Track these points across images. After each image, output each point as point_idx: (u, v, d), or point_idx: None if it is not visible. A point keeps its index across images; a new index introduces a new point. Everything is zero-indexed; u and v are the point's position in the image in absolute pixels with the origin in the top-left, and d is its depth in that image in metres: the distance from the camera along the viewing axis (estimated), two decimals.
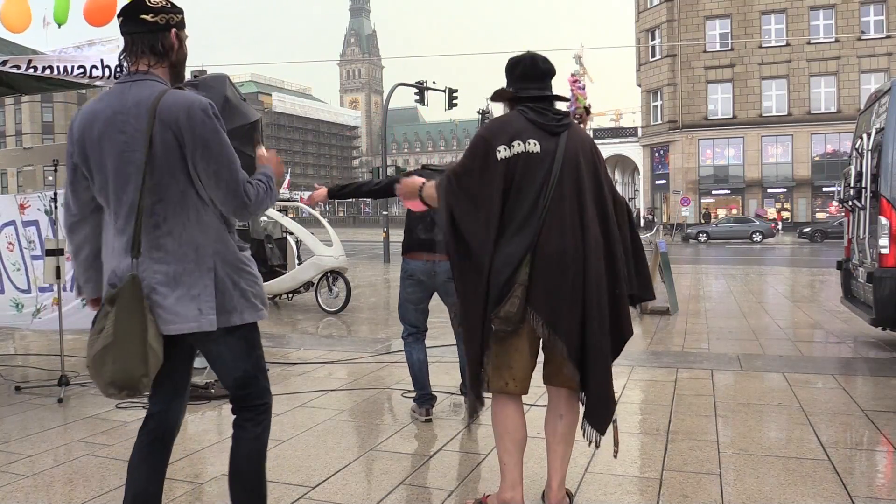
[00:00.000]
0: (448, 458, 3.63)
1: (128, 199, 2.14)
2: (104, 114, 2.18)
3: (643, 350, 6.67)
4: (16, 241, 5.74)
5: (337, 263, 9.59)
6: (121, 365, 2.06)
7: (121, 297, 2.08)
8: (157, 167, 2.12)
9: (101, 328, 2.09)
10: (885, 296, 5.97)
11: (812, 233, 33.83)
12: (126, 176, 2.15)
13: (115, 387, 2.08)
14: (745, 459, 3.53)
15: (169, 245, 2.16)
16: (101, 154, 2.18)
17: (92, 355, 2.09)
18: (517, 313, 2.61)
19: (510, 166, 2.64)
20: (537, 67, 2.79)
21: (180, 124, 2.11)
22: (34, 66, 4.44)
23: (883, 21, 41.04)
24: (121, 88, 2.22)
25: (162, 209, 2.15)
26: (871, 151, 6.46)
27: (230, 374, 2.29)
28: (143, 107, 2.14)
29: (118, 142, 2.15)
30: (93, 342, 2.10)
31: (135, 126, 2.14)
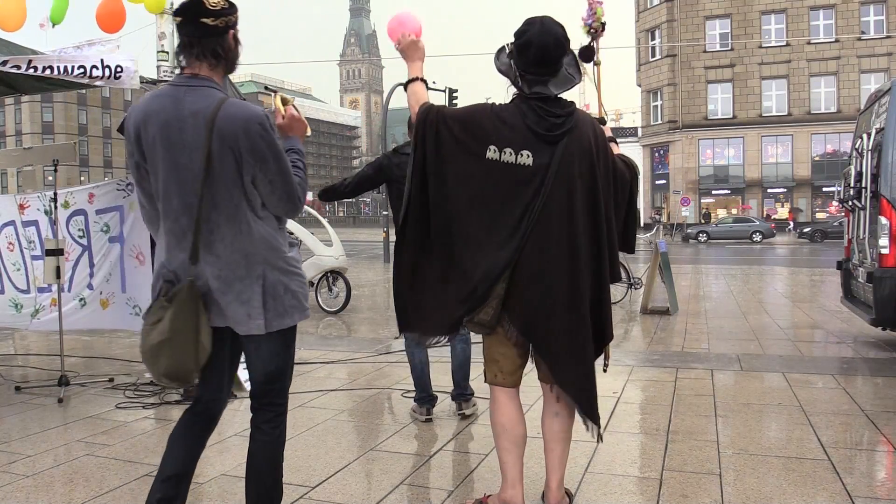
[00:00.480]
0: (448, 458, 3.63)
1: (180, 203, 2.23)
2: (158, 118, 2.22)
3: (643, 350, 6.67)
4: (16, 241, 5.74)
5: (337, 263, 9.59)
6: (174, 360, 2.19)
7: (178, 297, 2.19)
8: (215, 180, 2.21)
9: (157, 320, 2.21)
10: (885, 296, 5.97)
11: (812, 233, 33.84)
12: (179, 182, 2.23)
13: (168, 378, 2.24)
14: (745, 459, 3.53)
15: (221, 251, 2.26)
16: (154, 156, 2.25)
17: (147, 347, 2.22)
18: (491, 321, 2.63)
19: (495, 170, 2.56)
20: (548, 55, 2.59)
21: (239, 142, 2.20)
22: (34, 66, 4.44)
23: (883, 21, 41.05)
24: (175, 93, 2.25)
25: (216, 217, 2.24)
26: (871, 151, 6.46)
27: (263, 368, 2.37)
28: (200, 118, 2.19)
29: (172, 148, 2.21)
30: (147, 332, 2.23)
31: (191, 136, 2.20)
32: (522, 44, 2.61)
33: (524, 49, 2.61)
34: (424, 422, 4.26)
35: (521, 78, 2.64)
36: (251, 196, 2.26)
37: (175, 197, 2.24)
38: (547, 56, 2.60)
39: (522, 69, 2.63)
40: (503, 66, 2.71)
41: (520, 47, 2.63)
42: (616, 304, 9.98)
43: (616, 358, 6.13)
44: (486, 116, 2.63)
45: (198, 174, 2.21)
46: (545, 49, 2.58)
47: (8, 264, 5.81)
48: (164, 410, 4.59)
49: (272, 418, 2.44)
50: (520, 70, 2.64)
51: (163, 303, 2.23)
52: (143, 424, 4.31)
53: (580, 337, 2.64)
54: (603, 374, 2.96)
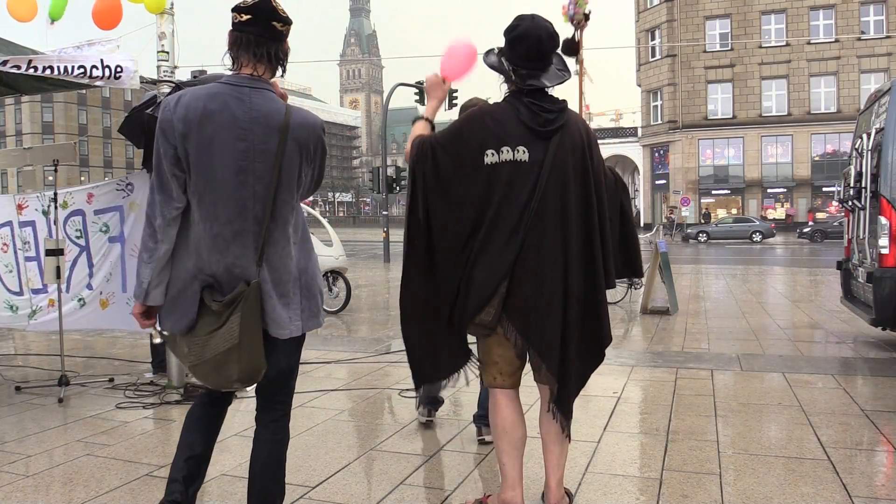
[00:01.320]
0: (448, 458, 3.63)
1: (237, 207, 2.21)
2: (222, 117, 2.19)
3: (643, 350, 6.67)
4: (10, 242, 5.73)
5: (337, 263, 9.59)
6: (247, 363, 2.19)
7: (246, 301, 2.17)
8: (282, 184, 2.25)
9: (216, 327, 2.18)
10: (885, 296, 5.97)
11: (812, 233, 33.84)
12: (239, 183, 2.21)
13: (241, 382, 2.23)
14: (745, 459, 3.53)
15: (273, 255, 2.27)
16: (209, 155, 2.19)
17: (210, 356, 2.20)
18: (492, 321, 2.63)
19: (495, 173, 2.56)
20: (542, 48, 2.61)
21: (310, 144, 2.30)
22: (34, 66, 4.44)
23: (883, 21, 41.06)
24: (239, 93, 2.23)
25: (273, 223, 2.26)
26: (870, 151, 6.46)
27: (276, 365, 2.35)
28: (272, 122, 2.22)
29: (236, 149, 2.20)
30: (205, 342, 2.20)
31: (261, 139, 2.21)
32: (515, 37, 2.62)
33: (518, 42, 2.62)
34: (424, 422, 4.20)
35: (514, 72, 2.64)
36: (296, 194, 2.33)
37: (231, 200, 2.21)
38: (541, 48, 2.61)
39: (515, 63, 2.63)
40: (494, 62, 2.70)
41: (513, 41, 2.64)
42: (616, 304, 9.99)
43: (616, 358, 6.14)
44: (477, 123, 2.63)
45: (264, 177, 2.21)
46: (539, 41, 2.60)
47: (1, 266, 5.79)
48: (164, 410, 4.59)
49: (279, 417, 2.44)
50: (512, 65, 2.64)
51: (219, 309, 2.19)
52: (143, 424, 4.31)
53: (572, 334, 2.63)
54: (603, 374, 2.96)
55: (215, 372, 2.22)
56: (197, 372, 2.27)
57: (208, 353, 2.20)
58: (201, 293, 2.24)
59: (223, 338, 2.17)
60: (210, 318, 2.20)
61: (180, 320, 2.27)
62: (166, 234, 2.27)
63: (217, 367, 2.20)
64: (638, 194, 49.09)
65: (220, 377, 2.22)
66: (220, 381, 2.24)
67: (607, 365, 5.84)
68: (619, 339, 7.44)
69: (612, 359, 6.11)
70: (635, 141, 49.66)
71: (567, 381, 2.68)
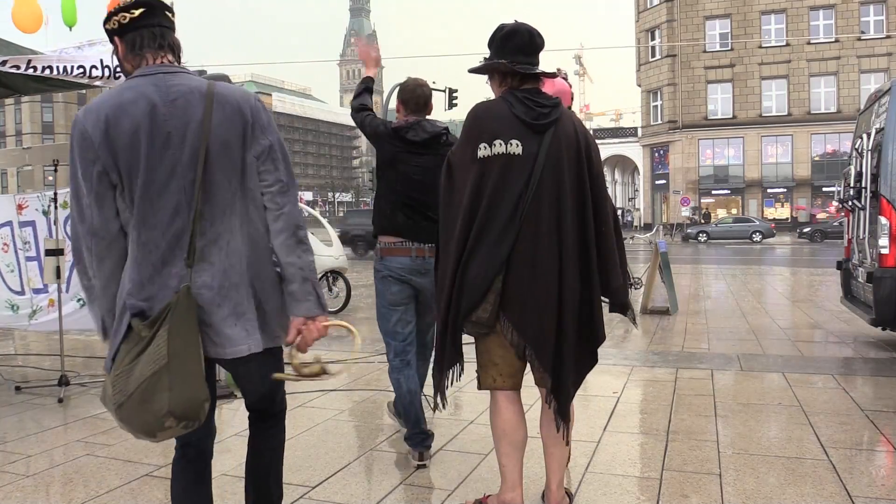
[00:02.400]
0: (448, 458, 3.63)
1: (168, 203, 1.91)
2: (138, 107, 1.91)
3: (643, 350, 6.67)
4: (11, 241, 5.73)
5: (337, 263, 9.59)
6: (180, 390, 1.77)
7: (175, 310, 1.82)
8: (212, 162, 1.93)
9: (138, 353, 1.80)
10: (885, 296, 5.97)
11: (812, 233, 33.84)
12: (168, 175, 1.91)
13: (176, 416, 1.78)
14: (745, 459, 3.53)
15: (214, 255, 1.94)
16: (133, 152, 1.90)
17: (134, 388, 1.77)
18: (489, 318, 2.60)
19: (487, 165, 2.57)
20: (534, 42, 2.66)
21: (242, 114, 1.98)
22: (34, 66, 4.44)
23: (883, 21, 41.06)
24: (154, 80, 1.97)
25: (210, 212, 1.94)
26: (870, 151, 6.46)
27: (256, 391, 2.16)
28: (194, 95, 1.95)
29: (160, 137, 1.91)
30: (127, 373, 1.80)
31: (182, 118, 1.93)
32: (507, 33, 2.67)
33: (511, 36, 2.66)
34: (418, 468, 3.47)
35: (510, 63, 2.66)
36: (248, 181, 1.99)
37: (159, 199, 1.90)
38: (532, 41, 2.67)
39: (511, 59, 2.65)
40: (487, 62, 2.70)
41: (505, 36, 2.67)
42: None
43: (616, 358, 6.14)
44: (473, 120, 2.66)
45: (194, 160, 1.91)
46: (530, 35, 2.67)
47: (2, 265, 5.80)
48: None
49: (274, 423, 2.30)
50: (508, 60, 2.66)
51: (142, 334, 1.82)
52: None
53: (568, 332, 2.61)
54: (603, 374, 2.97)
55: (141, 408, 1.76)
56: (123, 415, 1.81)
57: (132, 385, 1.76)
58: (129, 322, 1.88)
59: (148, 360, 1.77)
60: (135, 346, 1.82)
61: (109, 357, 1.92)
62: (100, 270, 1.96)
63: (143, 399, 1.75)
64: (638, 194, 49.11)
65: (148, 414, 1.76)
66: (149, 419, 1.77)
67: (607, 365, 5.85)
68: (619, 339, 7.43)
69: (612, 359, 6.10)
70: (635, 141, 49.68)
71: (563, 378, 2.62)
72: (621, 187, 61.20)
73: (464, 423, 4.21)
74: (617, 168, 58.12)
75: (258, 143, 2.01)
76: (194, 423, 1.84)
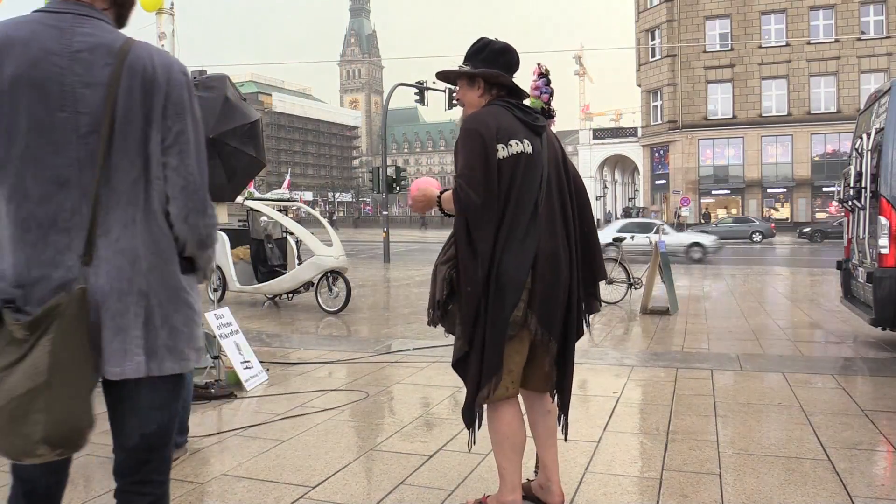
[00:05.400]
0: (448, 458, 3.63)
1: (52, 176, 1.57)
2: (29, 51, 1.56)
3: (643, 350, 6.67)
4: None
5: (337, 263, 9.59)
6: (59, 414, 1.47)
7: (63, 317, 1.49)
8: (115, 138, 1.59)
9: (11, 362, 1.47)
10: (885, 296, 5.97)
11: (812, 233, 33.84)
12: (54, 144, 1.57)
13: (49, 445, 1.48)
14: (745, 459, 3.53)
15: (104, 249, 1.59)
16: (10, 106, 1.55)
17: (5, 403, 1.45)
18: (521, 316, 2.61)
19: (510, 166, 2.58)
20: (518, 63, 2.78)
21: (157, 86, 1.61)
22: None
23: (883, 21, 41.07)
24: (56, 21, 1.60)
25: (106, 197, 1.59)
26: (870, 151, 6.46)
27: (139, 428, 1.69)
28: (101, 52, 1.59)
29: (49, 94, 1.56)
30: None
31: (84, 77, 1.57)
32: (501, 49, 2.73)
33: (504, 53, 2.73)
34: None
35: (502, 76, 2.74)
36: (154, 170, 1.64)
37: (44, 167, 1.56)
38: (518, 63, 2.77)
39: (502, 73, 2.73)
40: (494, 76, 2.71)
41: (499, 51, 2.73)
42: (616, 304, 10.00)
43: (616, 358, 6.14)
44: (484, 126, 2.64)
45: (92, 131, 1.57)
46: (517, 55, 2.77)
47: None
48: None
49: (147, 492, 1.73)
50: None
51: (18, 336, 1.48)
52: None
53: (574, 326, 2.75)
54: (603, 374, 3.01)
55: (9, 428, 1.46)
56: None
57: (1, 399, 1.45)
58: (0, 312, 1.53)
59: (24, 374, 1.45)
60: (8, 348, 1.48)
61: None
62: None
63: (12, 419, 1.45)
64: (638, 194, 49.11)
65: (17, 437, 1.46)
66: (17, 442, 1.47)
67: (607, 365, 5.86)
68: (619, 339, 7.44)
69: (612, 359, 6.11)
70: (635, 141, 49.70)
71: (569, 372, 2.76)
72: (621, 187, 61.22)
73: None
74: (617, 168, 58.13)
75: (166, 125, 1.63)
76: (72, 451, 1.56)
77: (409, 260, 21.34)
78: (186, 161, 1.66)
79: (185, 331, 1.68)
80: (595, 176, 52.09)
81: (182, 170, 1.66)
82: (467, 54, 2.76)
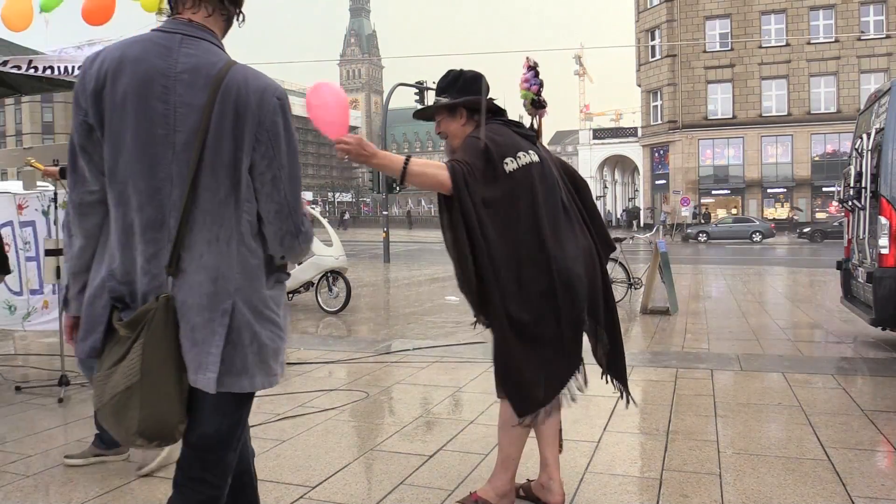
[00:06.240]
0: (448, 458, 3.63)
1: (148, 188, 1.65)
2: (139, 69, 1.65)
3: (643, 350, 6.67)
4: (12, 242, 5.73)
5: (337, 263, 9.59)
6: (150, 411, 1.61)
7: (152, 322, 1.61)
8: (205, 159, 1.65)
9: (118, 359, 1.62)
10: (885, 296, 5.97)
11: (812, 233, 33.84)
12: (153, 159, 1.65)
13: (143, 437, 1.64)
14: (745, 459, 3.53)
15: (187, 263, 1.66)
16: (121, 118, 1.65)
17: (108, 399, 1.62)
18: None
19: (525, 175, 2.66)
20: (489, 86, 2.84)
21: (249, 111, 1.66)
22: (34, 67, 4.45)
23: (883, 21, 41.04)
24: (166, 41, 1.69)
25: (191, 218, 1.67)
26: (870, 151, 6.46)
27: (198, 428, 1.74)
28: (201, 75, 1.65)
29: (152, 112, 1.64)
30: (105, 378, 1.64)
31: (183, 98, 1.64)
32: (473, 77, 2.82)
33: (474, 81, 2.80)
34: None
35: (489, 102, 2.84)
36: (244, 193, 1.68)
37: (142, 179, 1.65)
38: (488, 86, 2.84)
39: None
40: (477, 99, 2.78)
41: (472, 80, 2.81)
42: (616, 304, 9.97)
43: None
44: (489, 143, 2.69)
45: (184, 151, 1.64)
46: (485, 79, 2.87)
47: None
48: None
49: (200, 491, 1.76)
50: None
51: (122, 333, 1.62)
52: None
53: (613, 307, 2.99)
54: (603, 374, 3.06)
55: (113, 420, 1.64)
56: (101, 418, 1.70)
57: (107, 394, 1.62)
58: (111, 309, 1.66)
59: (124, 373, 1.60)
60: (116, 346, 1.64)
61: (83, 343, 1.71)
62: (79, 226, 1.75)
63: (115, 412, 1.62)
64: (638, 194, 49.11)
65: (120, 428, 1.64)
66: (121, 433, 1.65)
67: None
68: None
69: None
70: (635, 141, 49.67)
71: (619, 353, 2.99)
72: (621, 187, 61.19)
73: (464, 423, 4.21)
74: (617, 168, 58.11)
75: (259, 151, 1.68)
76: (169, 442, 1.70)
77: (410, 260, 21.34)
78: (279, 186, 1.70)
79: (272, 346, 1.74)
80: (595, 176, 52.08)
81: (275, 195, 1.70)
82: (441, 88, 2.84)
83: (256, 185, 1.70)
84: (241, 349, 1.67)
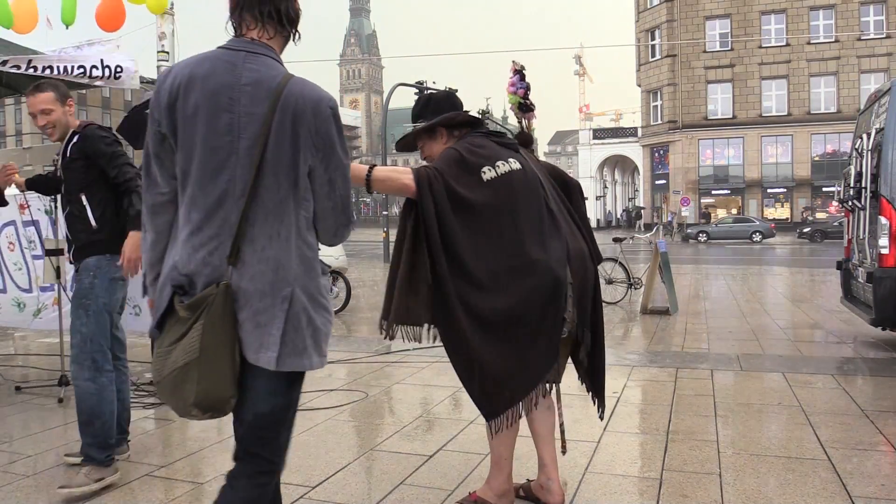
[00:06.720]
0: (448, 458, 3.63)
1: (216, 189, 1.84)
2: (208, 84, 1.84)
3: (643, 350, 6.67)
4: (16, 240, 5.75)
5: (337, 263, 9.60)
6: (206, 385, 1.78)
7: (211, 305, 1.78)
8: (267, 165, 1.83)
9: (178, 338, 1.80)
10: (885, 296, 5.97)
11: (812, 233, 33.85)
12: (219, 163, 1.83)
13: (199, 408, 1.81)
14: (745, 459, 3.53)
15: (249, 255, 1.84)
16: (192, 127, 1.84)
17: (167, 373, 1.80)
18: (571, 313, 2.75)
19: (505, 183, 2.64)
20: (461, 101, 2.92)
21: (305, 120, 1.84)
22: (34, 66, 4.45)
23: (883, 21, 41.06)
24: (233, 57, 1.87)
25: (254, 213, 1.85)
26: (870, 151, 6.46)
27: (253, 408, 1.89)
28: (262, 88, 1.83)
29: (219, 122, 1.83)
30: (165, 356, 1.82)
31: (247, 108, 1.83)
32: (442, 97, 2.91)
33: (445, 100, 2.89)
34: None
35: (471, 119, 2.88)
36: (301, 192, 1.88)
37: (210, 182, 1.84)
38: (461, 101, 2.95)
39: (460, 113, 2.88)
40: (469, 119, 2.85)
41: (440, 100, 2.88)
42: (616, 304, 10.00)
43: (616, 358, 6.14)
44: (465, 153, 2.70)
45: (247, 156, 1.83)
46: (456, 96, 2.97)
47: (9, 264, 5.82)
48: (165, 410, 4.58)
49: (254, 474, 1.92)
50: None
51: (182, 314, 1.81)
52: (144, 424, 4.31)
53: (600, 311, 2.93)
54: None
55: (172, 392, 1.83)
56: (159, 392, 1.90)
57: (167, 369, 1.81)
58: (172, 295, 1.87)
59: (183, 350, 1.78)
60: (177, 325, 1.82)
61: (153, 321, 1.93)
62: (151, 223, 1.96)
63: (174, 386, 1.81)
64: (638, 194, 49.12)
65: (178, 399, 1.82)
66: (178, 404, 1.83)
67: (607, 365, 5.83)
68: (619, 339, 7.44)
69: (612, 359, 6.10)
70: (635, 141, 49.68)
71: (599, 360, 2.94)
72: (621, 187, 61.20)
73: (464, 423, 4.21)
74: (617, 168, 58.12)
75: (315, 156, 1.87)
76: (221, 415, 1.87)
77: None
78: (335, 186, 1.92)
79: (324, 330, 1.93)
80: (595, 176, 52.10)
81: (332, 195, 1.92)
82: (415, 114, 2.90)
83: (315, 186, 1.90)
84: (299, 332, 1.85)
